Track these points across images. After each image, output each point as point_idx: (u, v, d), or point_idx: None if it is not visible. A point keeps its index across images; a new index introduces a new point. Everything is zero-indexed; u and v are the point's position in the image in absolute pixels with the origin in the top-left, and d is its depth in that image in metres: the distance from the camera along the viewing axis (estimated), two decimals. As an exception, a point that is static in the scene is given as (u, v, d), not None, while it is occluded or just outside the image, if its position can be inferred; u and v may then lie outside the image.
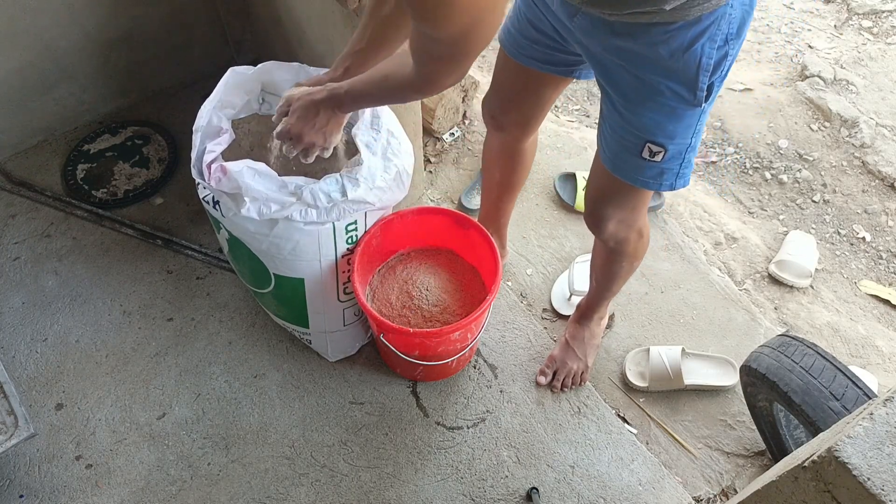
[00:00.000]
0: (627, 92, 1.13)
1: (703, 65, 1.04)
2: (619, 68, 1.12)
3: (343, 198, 1.29)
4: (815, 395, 1.34)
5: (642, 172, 1.20)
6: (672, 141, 1.14)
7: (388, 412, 1.65)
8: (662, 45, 1.04)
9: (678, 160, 1.17)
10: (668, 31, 1.02)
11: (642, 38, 1.05)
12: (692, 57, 1.04)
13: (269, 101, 1.47)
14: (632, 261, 1.50)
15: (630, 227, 1.39)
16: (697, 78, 1.06)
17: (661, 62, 1.06)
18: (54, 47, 1.92)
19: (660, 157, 1.16)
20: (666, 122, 1.12)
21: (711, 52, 1.04)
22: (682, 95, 1.08)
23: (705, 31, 1.02)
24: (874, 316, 2.06)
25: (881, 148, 2.40)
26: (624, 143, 1.18)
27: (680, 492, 1.58)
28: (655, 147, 1.15)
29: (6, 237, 1.91)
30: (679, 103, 1.10)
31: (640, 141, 1.16)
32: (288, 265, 1.41)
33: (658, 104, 1.11)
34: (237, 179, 1.25)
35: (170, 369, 1.70)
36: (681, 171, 1.19)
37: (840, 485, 0.73)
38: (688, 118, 1.12)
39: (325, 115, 1.24)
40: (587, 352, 1.72)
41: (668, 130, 1.13)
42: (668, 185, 1.21)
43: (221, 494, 1.54)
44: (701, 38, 1.02)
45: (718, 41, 1.03)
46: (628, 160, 1.20)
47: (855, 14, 2.91)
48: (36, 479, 1.54)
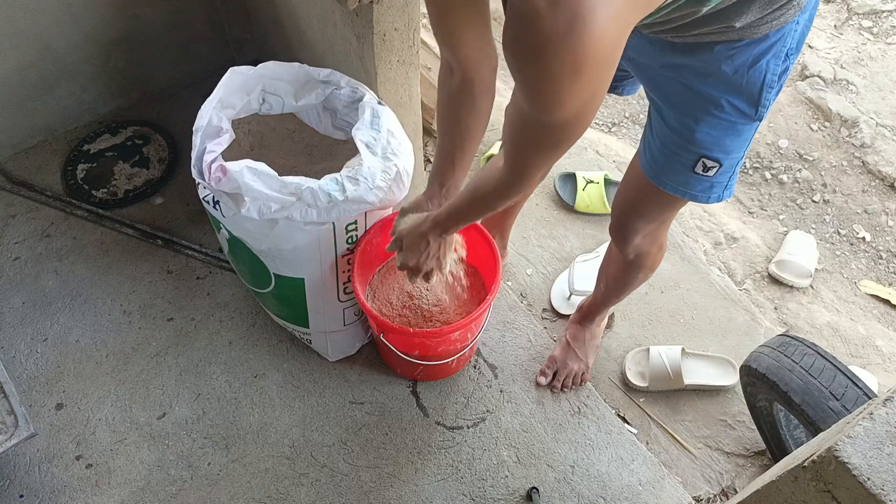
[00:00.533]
0: (683, 106, 1.10)
1: (768, 81, 1.02)
2: (674, 83, 1.09)
3: (343, 198, 1.29)
4: (815, 395, 1.34)
5: (692, 186, 1.17)
6: (728, 156, 1.12)
7: (388, 412, 1.65)
8: (726, 62, 1.01)
9: (729, 173, 1.15)
10: (733, 48, 0.99)
11: (704, 56, 1.02)
12: (757, 73, 1.01)
13: (269, 102, 1.47)
14: (647, 273, 1.50)
15: (653, 242, 1.39)
16: (761, 94, 1.03)
17: (724, 78, 1.03)
18: (54, 47, 1.92)
19: (713, 172, 1.14)
20: (724, 137, 1.09)
21: (776, 68, 1.01)
22: (743, 111, 1.06)
23: (771, 48, 0.99)
24: (874, 316, 2.06)
25: (881, 148, 2.40)
26: (675, 157, 1.15)
27: (680, 492, 1.58)
28: (710, 162, 1.12)
29: (6, 237, 1.91)
30: (739, 118, 1.07)
31: (694, 156, 1.12)
32: (288, 265, 1.41)
33: (717, 119, 1.07)
34: (237, 179, 1.25)
35: (170, 369, 1.70)
36: (729, 182, 1.17)
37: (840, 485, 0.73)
38: (745, 132, 1.10)
39: (435, 243, 1.27)
40: (587, 352, 1.72)
41: (724, 146, 1.10)
42: (715, 198, 1.18)
43: (221, 494, 1.54)
44: (767, 54, 1.00)
45: (782, 56, 1.01)
46: (679, 174, 1.16)
47: (855, 14, 2.91)
48: (36, 479, 1.54)
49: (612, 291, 1.60)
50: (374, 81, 1.52)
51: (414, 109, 1.73)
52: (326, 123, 1.52)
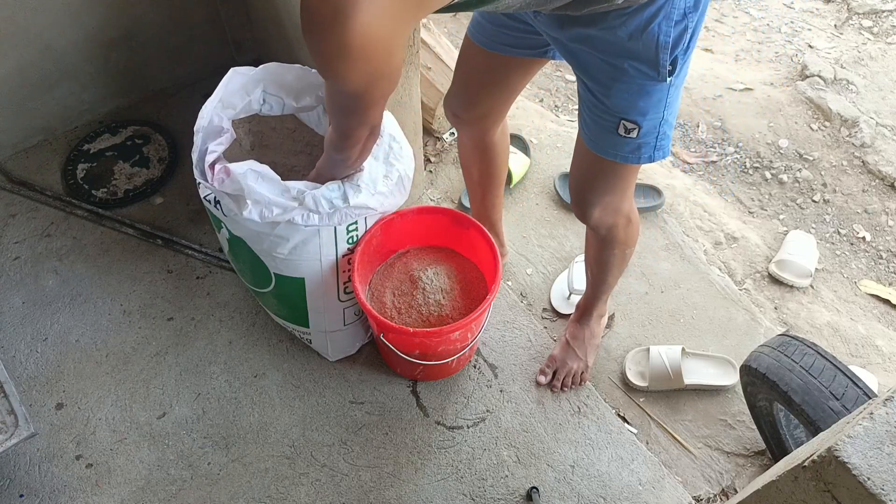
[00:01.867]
0: (597, 75, 1.17)
1: (662, 42, 1.08)
2: (586, 54, 1.16)
3: (345, 204, 1.29)
4: (815, 395, 1.34)
5: (621, 148, 1.24)
6: (644, 117, 1.18)
7: (389, 412, 1.65)
8: (621, 28, 1.08)
9: (653, 134, 1.21)
10: (624, 14, 1.06)
11: (601, 24, 1.09)
12: (650, 36, 1.07)
13: (269, 102, 1.47)
14: (623, 248, 1.50)
15: (617, 212, 1.40)
16: (658, 55, 1.09)
17: (622, 44, 1.10)
18: (54, 47, 1.92)
19: (635, 134, 1.20)
20: (636, 99, 1.16)
21: (669, 30, 1.07)
22: (647, 73, 1.12)
23: (660, 10, 1.06)
24: (874, 316, 2.06)
25: (881, 147, 2.40)
26: (601, 123, 1.22)
27: (680, 491, 1.58)
28: (630, 124, 1.19)
29: (6, 237, 1.91)
30: (646, 80, 1.13)
31: (615, 119, 1.20)
32: (288, 265, 1.41)
33: (626, 84, 1.14)
34: (240, 181, 1.25)
35: (170, 369, 1.70)
36: (658, 143, 1.23)
37: (840, 484, 0.73)
38: (657, 93, 1.16)
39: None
40: (587, 351, 1.72)
41: (639, 107, 1.17)
42: (647, 158, 1.24)
43: (221, 494, 1.54)
44: (657, 17, 1.06)
45: (675, 17, 1.06)
46: (607, 138, 1.24)
47: (855, 14, 2.91)
48: (36, 479, 1.54)
49: (597, 277, 1.61)
50: (374, 81, 1.52)
51: (414, 109, 1.73)
52: (326, 124, 1.52)
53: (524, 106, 2.43)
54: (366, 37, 0.82)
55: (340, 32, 0.81)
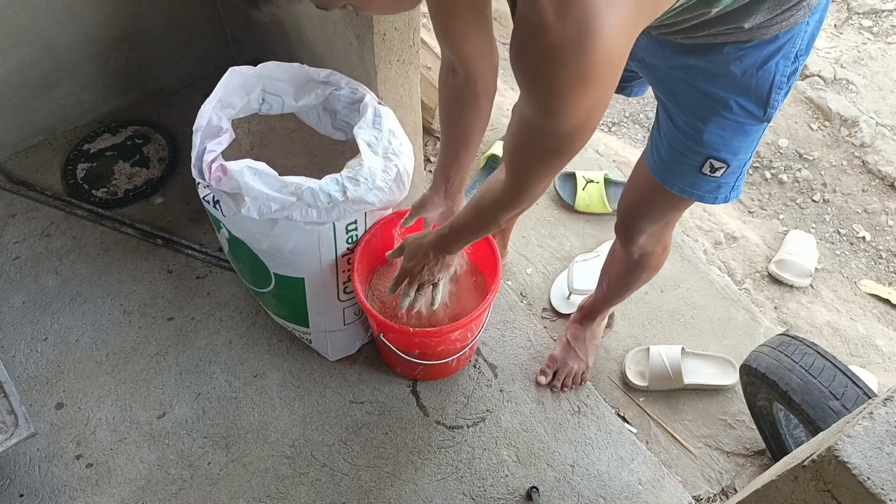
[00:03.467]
0: (691, 107, 1.10)
1: (777, 82, 1.02)
2: (683, 84, 1.08)
3: (343, 198, 1.29)
4: (814, 395, 1.34)
5: (699, 187, 1.17)
6: (735, 157, 1.12)
7: (388, 411, 1.65)
8: (735, 63, 1.00)
9: (736, 174, 1.16)
10: (742, 49, 0.99)
11: (713, 57, 1.01)
12: (766, 74, 1.01)
13: (268, 101, 1.47)
14: (651, 273, 1.50)
15: (658, 242, 1.39)
16: (770, 95, 1.03)
17: (733, 79, 1.02)
18: (54, 46, 1.92)
19: (720, 173, 1.13)
20: (732, 138, 1.09)
21: (785, 70, 1.01)
22: (752, 112, 1.06)
23: (780, 49, 0.99)
24: (874, 315, 2.06)
25: (881, 147, 2.40)
26: (682, 158, 1.15)
27: (680, 491, 1.58)
28: (718, 163, 1.12)
29: (6, 236, 1.91)
30: (747, 119, 1.07)
31: (701, 157, 1.12)
32: (288, 264, 1.41)
33: (725, 120, 1.07)
34: (237, 179, 1.25)
35: (170, 369, 1.71)
36: (736, 183, 1.17)
37: (840, 484, 0.73)
38: (753, 133, 1.10)
39: (434, 258, 1.30)
40: (588, 352, 1.72)
41: (733, 146, 1.10)
42: (723, 199, 1.18)
43: (222, 493, 1.54)
44: (776, 55, 1.00)
45: (791, 57, 1.01)
46: (686, 175, 1.16)
47: (855, 13, 2.91)
48: (36, 479, 1.54)
49: (614, 291, 1.60)
50: (374, 81, 1.52)
51: (414, 109, 1.73)
52: (326, 124, 1.52)
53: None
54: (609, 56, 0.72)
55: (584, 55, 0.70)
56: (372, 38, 1.45)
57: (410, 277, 1.34)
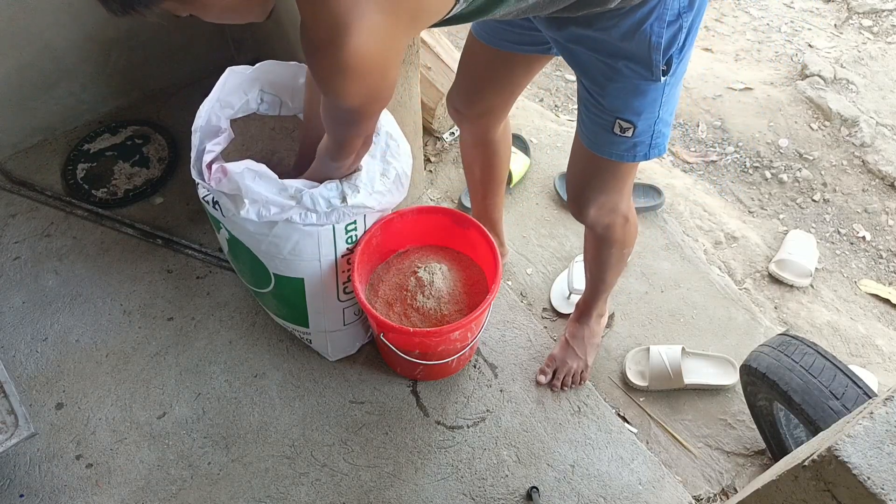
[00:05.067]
0: (594, 74, 1.18)
1: (654, 43, 1.09)
2: (583, 53, 1.17)
3: (342, 203, 1.29)
4: (815, 395, 1.34)
5: (617, 147, 1.25)
6: (639, 116, 1.19)
7: (389, 411, 1.65)
8: (614, 29, 1.09)
9: (649, 133, 1.22)
10: (616, 16, 1.07)
11: (596, 25, 1.10)
12: (642, 37, 1.08)
13: (267, 101, 1.47)
14: (621, 247, 1.50)
15: (614, 212, 1.40)
16: (651, 56, 1.10)
17: (616, 45, 1.11)
18: (54, 46, 1.92)
19: (630, 133, 1.21)
20: (631, 98, 1.17)
21: (661, 31, 1.08)
22: (641, 73, 1.13)
23: (652, 12, 1.06)
24: (874, 315, 2.06)
25: (881, 147, 2.40)
26: (597, 122, 1.23)
27: (680, 491, 1.58)
28: (625, 123, 1.20)
29: (6, 236, 1.91)
30: (640, 80, 1.14)
31: (610, 118, 1.21)
32: (288, 265, 1.41)
33: (621, 83, 1.15)
34: (237, 181, 1.25)
35: (170, 369, 1.70)
36: (653, 142, 1.23)
37: (840, 484, 0.73)
38: (652, 93, 1.16)
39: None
40: (587, 351, 1.72)
41: (633, 106, 1.18)
42: (642, 156, 1.25)
43: (222, 494, 1.54)
44: (648, 18, 1.07)
45: (668, 17, 1.07)
46: (603, 137, 1.25)
47: (855, 13, 2.91)
48: (36, 479, 1.54)
49: (595, 276, 1.61)
50: (373, 81, 1.52)
51: (414, 109, 1.73)
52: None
53: (524, 106, 2.43)
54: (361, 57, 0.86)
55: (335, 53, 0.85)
56: (372, 38, 1.45)
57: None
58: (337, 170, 1.27)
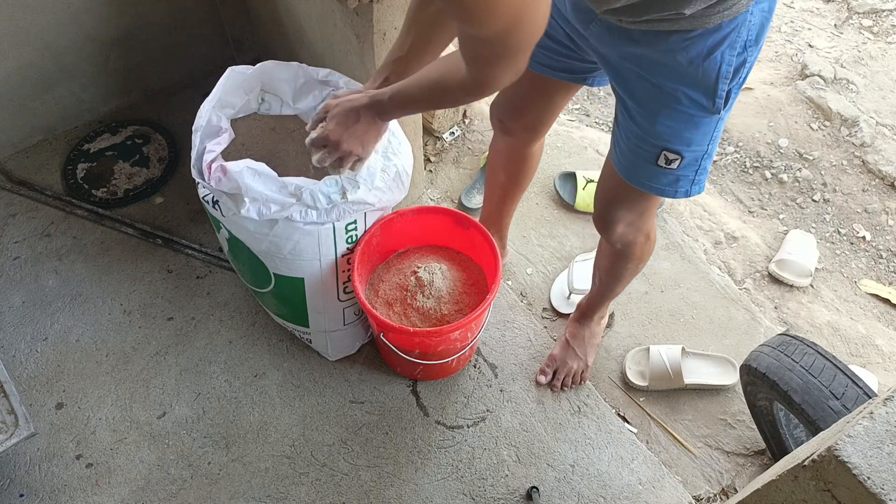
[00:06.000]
0: (644, 99, 1.11)
1: (723, 72, 1.03)
2: (635, 76, 1.10)
3: (343, 199, 1.29)
4: (815, 395, 1.34)
5: (657, 180, 1.18)
6: (688, 148, 1.13)
7: (389, 411, 1.65)
8: (681, 53, 1.02)
9: (694, 167, 1.16)
10: (687, 39, 1.00)
11: (660, 46, 1.03)
12: (712, 64, 1.02)
13: (268, 101, 1.47)
14: (637, 263, 1.50)
15: (639, 230, 1.39)
16: (717, 85, 1.04)
17: (680, 70, 1.04)
18: (54, 46, 1.92)
19: (675, 165, 1.14)
20: (683, 129, 1.11)
21: (731, 60, 1.02)
22: (701, 103, 1.07)
23: (725, 39, 1.00)
24: (874, 315, 2.06)
25: (881, 147, 2.40)
26: (639, 151, 1.16)
27: (680, 491, 1.58)
28: (671, 155, 1.13)
29: (6, 236, 1.91)
30: (697, 111, 1.08)
31: (655, 149, 1.14)
32: (288, 265, 1.41)
33: (675, 111, 1.09)
34: (237, 180, 1.25)
35: (170, 368, 1.70)
36: (696, 177, 1.18)
37: (840, 484, 0.73)
38: (705, 125, 1.11)
39: (365, 121, 1.19)
40: (587, 351, 1.72)
41: (684, 138, 1.12)
42: (683, 193, 1.19)
43: (222, 493, 1.54)
44: (721, 45, 1.01)
45: (738, 48, 1.02)
46: (643, 169, 1.18)
47: (855, 13, 2.91)
48: (36, 479, 1.54)
49: (605, 285, 1.61)
50: (374, 81, 1.52)
51: (414, 109, 1.72)
52: (326, 124, 1.52)
53: (524, 105, 2.43)
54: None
55: None
56: (372, 38, 1.45)
57: (335, 144, 1.21)
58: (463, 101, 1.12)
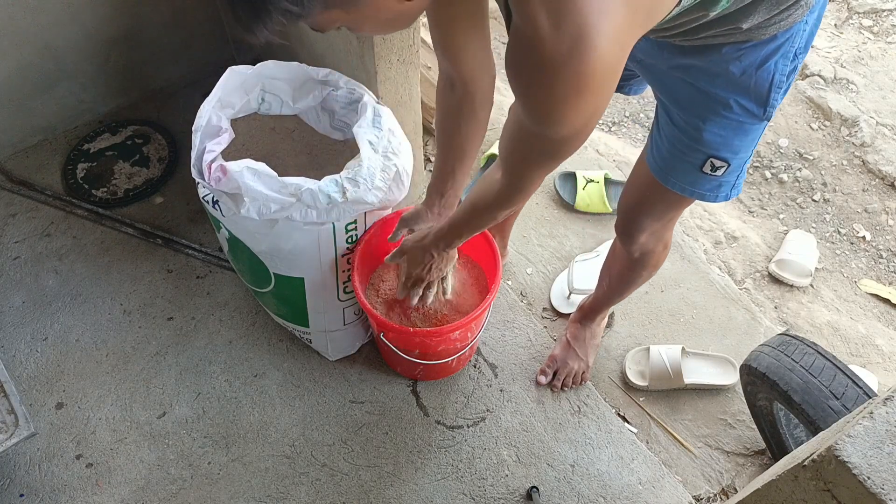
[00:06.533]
0: (691, 107, 1.10)
1: (777, 81, 1.02)
2: (682, 84, 1.09)
3: (343, 199, 1.29)
4: (815, 394, 1.34)
5: (700, 185, 1.18)
6: (736, 156, 1.12)
7: (389, 411, 1.65)
8: (734, 63, 1.01)
9: (737, 172, 1.16)
10: (741, 49, 1.00)
11: (712, 57, 1.02)
12: (765, 74, 1.01)
13: (268, 101, 1.47)
14: (651, 271, 1.50)
15: (659, 240, 1.39)
16: (769, 94, 1.04)
17: (732, 79, 1.03)
18: (54, 46, 1.92)
19: (721, 172, 1.14)
20: (732, 137, 1.10)
21: (784, 69, 1.02)
22: (752, 111, 1.06)
23: (779, 49, 1.00)
24: (874, 315, 2.06)
25: (881, 147, 2.40)
26: (685, 159, 1.15)
27: (680, 491, 1.58)
28: (719, 162, 1.12)
29: (6, 236, 1.91)
30: (747, 118, 1.07)
31: (702, 156, 1.13)
32: (288, 264, 1.41)
33: (725, 119, 1.08)
34: (237, 179, 1.25)
35: (170, 368, 1.70)
36: (737, 182, 1.18)
37: (840, 484, 0.73)
38: (753, 132, 1.10)
39: (438, 256, 1.33)
40: (588, 351, 1.72)
41: (733, 145, 1.11)
42: (724, 197, 1.19)
43: (222, 493, 1.54)
44: (775, 55, 1.00)
45: (790, 56, 1.01)
46: (686, 172, 1.17)
47: (855, 13, 2.91)
48: (36, 478, 1.54)
49: (614, 290, 1.60)
50: (374, 80, 1.52)
51: (414, 108, 1.73)
52: (325, 124, 1.52)
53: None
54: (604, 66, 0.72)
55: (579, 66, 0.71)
56: (372, 38, 1.45)
57: (418, 279, 1.39)
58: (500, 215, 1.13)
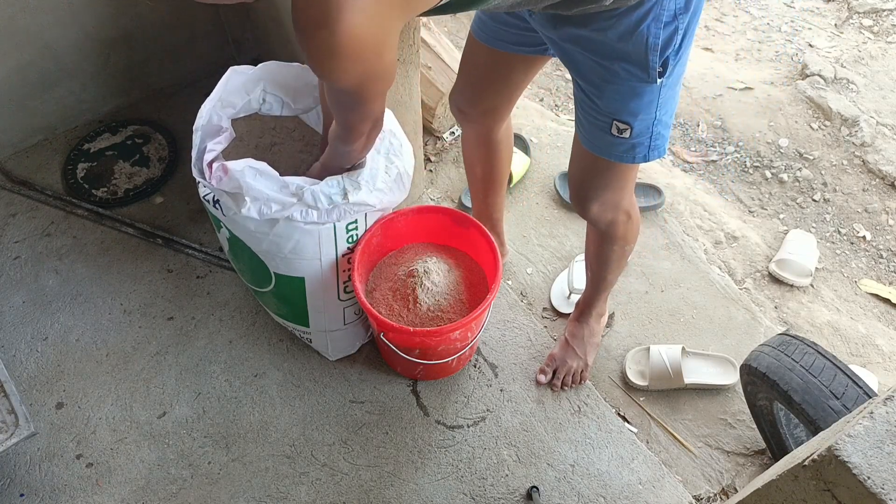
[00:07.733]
0: (589, 75, 1.18)
1: (651, 44, 1.09)
2: (578, 54, 1.17)
3: (344, 200, 1.29)
4: (815, 394, 1.34)
5: (615, 148, 1.25)
6: (636, 118, 1.19)
7: (389, 411, 1.65)
8: (610, 30, 1.09)
9: (647, 134, 1.22)
10: (613, 16, 1.07)
11: (592, 25, 1.10)
12: (639, 38, 1.08)
13: (269, 101, 1.47)
14: (622, 244, 1.50)
15: (616, 208, 1.41)
16: (647, 57, 1.10)
17: (612, 46, 1.11)
18: (55, 46, 1.92)
19: (628, 134, 1.21)
20: (627, 100, 1.17)
21: (658, 32, 1.08)
22: (637, 75, 1.13)
23: (649, 13, 1.06)
24: (874, 315, 2.06)
25: (881, 147, 2.40)
26: (595, 124, 1.23)
27: (680, 490, 1.58)
28: (622, 125, 1.20)
29: (6, 236, 1.91)
30: (637, 82, 1.14)
31: (607, 119, 1.21)
32: (288, 264, 1.41)
33: (617, 85, 1.15)
34: (238, 179, 1.25)
35: (170, 368, 1.71)
36: (652, 143, 1.23)
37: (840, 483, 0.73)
38: (648, 95, 1.16)
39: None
40: (587, 350, 1.72)
41: (630, 108, 1.18)
42: (641, 158, 1.25)
43: (222, 493, 1.54)
44: (645, 19, 1.07)
45: (665, 19, 1.07)
46: (601, 138, 1.25)
47: (855, 13, 2.91)
48: (36, 478, 1.55)
49: (596, 274, 1.61)
50: (374, 80, 1.52)
51: (414, 108, 1.73)
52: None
53: (524, 105, 2.43)
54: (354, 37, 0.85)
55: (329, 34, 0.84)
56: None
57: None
58: (347, 154, 1.26)
